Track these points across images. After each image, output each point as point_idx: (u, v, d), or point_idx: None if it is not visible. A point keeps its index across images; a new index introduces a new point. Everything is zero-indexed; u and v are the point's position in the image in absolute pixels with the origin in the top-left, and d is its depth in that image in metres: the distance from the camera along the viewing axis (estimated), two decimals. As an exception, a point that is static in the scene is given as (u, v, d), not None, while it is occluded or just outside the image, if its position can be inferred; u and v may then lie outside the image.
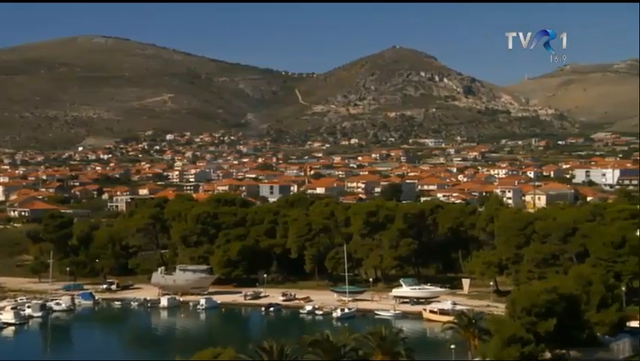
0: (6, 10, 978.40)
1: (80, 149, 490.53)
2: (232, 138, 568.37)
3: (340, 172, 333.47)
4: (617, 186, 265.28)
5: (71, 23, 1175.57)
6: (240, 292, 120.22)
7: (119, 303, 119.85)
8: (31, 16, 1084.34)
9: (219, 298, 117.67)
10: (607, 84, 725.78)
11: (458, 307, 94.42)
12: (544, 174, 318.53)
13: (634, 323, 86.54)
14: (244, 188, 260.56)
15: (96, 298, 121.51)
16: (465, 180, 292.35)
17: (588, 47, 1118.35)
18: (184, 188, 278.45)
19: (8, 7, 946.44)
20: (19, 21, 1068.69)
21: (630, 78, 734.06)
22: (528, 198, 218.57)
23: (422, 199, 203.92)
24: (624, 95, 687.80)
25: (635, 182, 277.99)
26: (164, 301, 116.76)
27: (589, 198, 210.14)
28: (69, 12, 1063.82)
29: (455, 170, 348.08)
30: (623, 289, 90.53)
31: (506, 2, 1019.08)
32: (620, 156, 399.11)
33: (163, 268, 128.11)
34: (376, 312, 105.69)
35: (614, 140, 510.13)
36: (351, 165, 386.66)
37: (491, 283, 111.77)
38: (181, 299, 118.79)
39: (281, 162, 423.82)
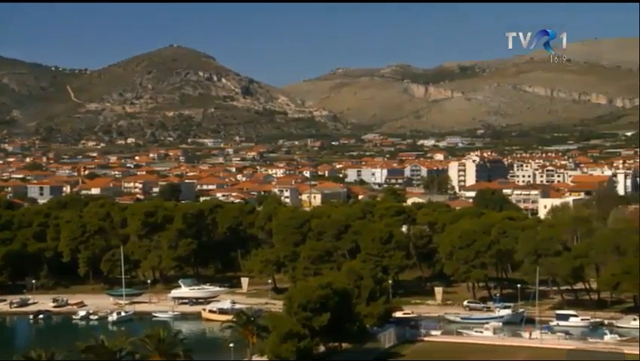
0: None
1: None
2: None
3: (117, 172, 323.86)
4: (385, 185, 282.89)
5: None
6: (5, 300, 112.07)
7: None
8: None
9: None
10: (374, 88, 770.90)
11: (237, 306, 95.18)
12: (319, 173, 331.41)
13: (399, 314, 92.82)
14: (10, 189, 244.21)
15: None
16: (244, 179, 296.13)
17: (358, 52, 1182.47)
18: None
19: None
20: None
21: (394, 83, 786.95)
22: (304, 196, 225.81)
23: (202, 199, 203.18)
24: (389, 98, 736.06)
25: (400, 181, 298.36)
26: None
27: (360, 197, 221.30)
28: None
29: (234, 170, 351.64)
30: (390, 282, 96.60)
31: (288, 2, 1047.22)
32: (387, 156, 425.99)
33: None
34: (154, 314, 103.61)
35: (381, 141, 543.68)
36: (128, 165, 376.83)
37: (269, 280, 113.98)
38: None
39: (52, 161, 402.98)
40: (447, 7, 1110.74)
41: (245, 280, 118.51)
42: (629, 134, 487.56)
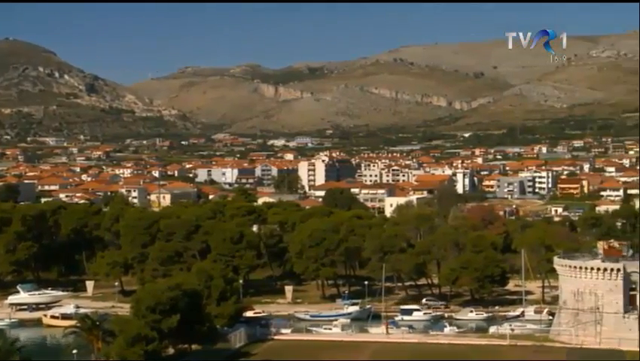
0: None
1: None
2: None
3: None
4: (236, 185, 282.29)
5: None
6: None
7: None
8: None
9: None
10: (224, 87, 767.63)
11: (81, 311, 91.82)
12: (169, 173, 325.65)
13: (249, 313, 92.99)
14: None
15: None
16: (89, 179, 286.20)
17: (208, 51, 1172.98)
18: None
19: None
20: None
21: (244, 82, 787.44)
22: (153, 197, 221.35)
23: (43, 200, 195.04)
24: (240, 98, 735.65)
25: (251, 180, 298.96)
26: None
27: (210, 197, 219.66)
28: None
29: (78, 169, 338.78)
30: (241, 281, 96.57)
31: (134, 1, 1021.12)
32: (238, 156, 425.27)
33: None
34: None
35: (232, 141, 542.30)
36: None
37: (116, 283, 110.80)
38: None
39: None
40: (296, 8, 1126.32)
41: (90, 284, 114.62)
42: (466, 135, 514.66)
